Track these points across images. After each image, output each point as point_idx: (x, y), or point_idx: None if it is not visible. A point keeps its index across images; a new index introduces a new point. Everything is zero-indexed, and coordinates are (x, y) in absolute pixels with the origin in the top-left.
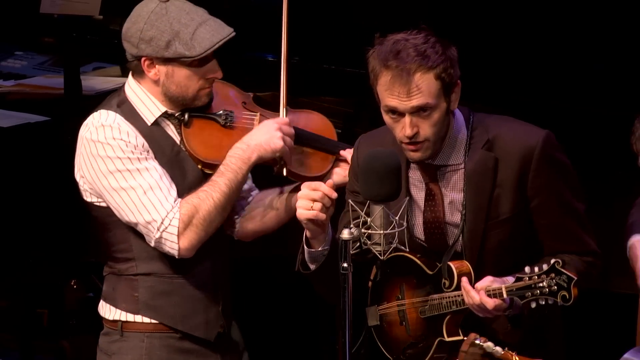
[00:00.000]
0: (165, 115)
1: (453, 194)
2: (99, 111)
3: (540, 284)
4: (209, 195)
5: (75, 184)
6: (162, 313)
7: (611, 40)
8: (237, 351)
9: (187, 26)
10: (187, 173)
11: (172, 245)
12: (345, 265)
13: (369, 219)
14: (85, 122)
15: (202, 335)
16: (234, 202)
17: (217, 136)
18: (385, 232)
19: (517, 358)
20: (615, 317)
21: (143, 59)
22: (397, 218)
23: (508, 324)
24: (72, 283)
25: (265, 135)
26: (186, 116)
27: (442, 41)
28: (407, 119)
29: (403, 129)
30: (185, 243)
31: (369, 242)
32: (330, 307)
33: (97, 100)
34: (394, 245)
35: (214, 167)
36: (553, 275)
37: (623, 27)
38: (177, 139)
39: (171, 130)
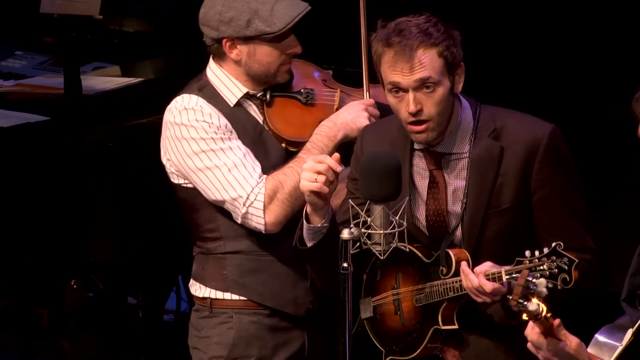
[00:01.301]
0: (247, 96)
1: (457, 183)
2: (181, 95)
3: (541, 267)
4: (295, 171)
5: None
6: (251, 290)
7: (608, 41)
8: (324, 329)
9: (265, 3)
10: (270, 152)
11: (259, 220)
12: (345, 265)
13: (369, 219)
14: (168, 107)
15: (292, 312)
16: None
17: (299, 114)
18: (385, 232)
19: (544, 307)
20: (616, 317)
21: (224, 40)
22: (397, 218)
23: (503, 314)
24: (72, 283)
25: (352, 114)
26: (268, 95)
27: (445, 22)
28: (410, 94)
29: (407, 106)
30: (271, 217)
31: (369, 242)
32: (330, 307)
33: (97, 100)
34: (394, 245)
35: (297, 144)
36: (554, 257)
37: (620, 28)
38: (259, 118)
39: (253, 110)
